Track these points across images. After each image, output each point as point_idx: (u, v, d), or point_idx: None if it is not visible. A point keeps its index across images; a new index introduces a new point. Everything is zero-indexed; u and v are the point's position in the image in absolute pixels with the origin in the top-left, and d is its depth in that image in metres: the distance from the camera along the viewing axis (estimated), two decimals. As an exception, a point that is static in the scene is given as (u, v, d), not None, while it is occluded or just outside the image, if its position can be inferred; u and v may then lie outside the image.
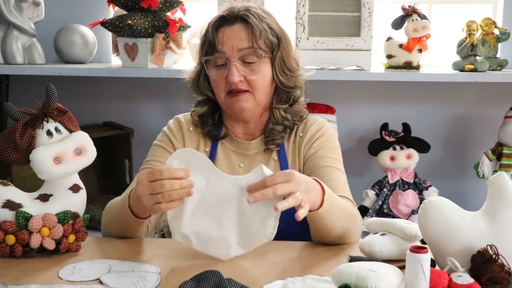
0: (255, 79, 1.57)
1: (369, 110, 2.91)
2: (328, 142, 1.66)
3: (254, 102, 1.60)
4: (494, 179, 1.15)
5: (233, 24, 1.58)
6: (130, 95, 2.98)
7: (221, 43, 1.57)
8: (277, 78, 1.60)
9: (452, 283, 1.06)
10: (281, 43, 1.60)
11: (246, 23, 1.57)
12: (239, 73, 1.56)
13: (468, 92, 2.89)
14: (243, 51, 1.56)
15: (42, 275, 1.26)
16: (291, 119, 1.65)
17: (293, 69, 1.63)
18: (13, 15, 2.58)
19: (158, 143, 1.68)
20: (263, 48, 1.57)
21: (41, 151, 1.33)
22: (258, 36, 1.56)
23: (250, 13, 1.58)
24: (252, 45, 1.56)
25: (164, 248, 1.42)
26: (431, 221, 1.12)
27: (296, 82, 1.64)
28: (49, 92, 1.39)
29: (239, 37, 1.56)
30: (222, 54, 1.57)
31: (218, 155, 1.67)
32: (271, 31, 1.58)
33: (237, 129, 1.68)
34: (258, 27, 1.56)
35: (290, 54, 1.63)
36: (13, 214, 1.33)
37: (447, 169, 2.95)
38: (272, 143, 1.65)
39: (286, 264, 1.32)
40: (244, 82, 1.57)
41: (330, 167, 1.61)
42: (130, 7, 2.52)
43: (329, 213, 1.38)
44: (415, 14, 2.53)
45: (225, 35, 1.57)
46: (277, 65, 1.60)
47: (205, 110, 1.67)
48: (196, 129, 1.69)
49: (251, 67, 1.57)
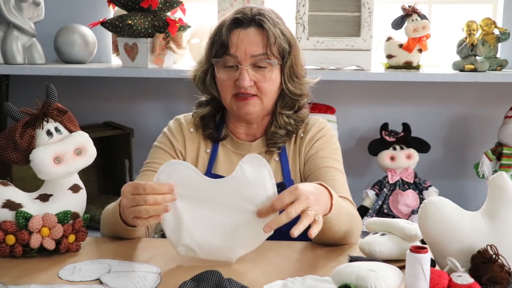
0: (265, 84, 1.56)
1: (369, 110, 2.92)
2: (328, 143, 1.66)
3: (261, 106, 1.59)
4: (494, 179, 1.15)
5: (247, 27, 1.56)
6: (130, 95, 2.98)
7: (234, 47, 1.55)
8: (285, 85, 1.60)
9: (452, 283, 1.06)
10: (292, 50, 1.59)
11: (261, 28, 1.55)
12: (249, 78, 1.55)
13: (468, 92, 2.89)
14: (256, 57, 1.55)
15: (42, 275, 1.26)
16: (294, 124, 1.65)
17: (300, 76, 1.63)
18: (13, 15, 2.58)
19: (159, 144, 1.67)
20: (275, 55, 1.56)
21: (41, 151, 1.33)
22: (272, 42, 1.54)
23: (265, 18, 1.56)
24: (266, 51, 1.55)
25: (164, 248, 1.42)
26: (431, 221, 1.12)
27: (303, 89, 1.63)
28: (49, 92, 1.39)
29: (253, 43, 1.54)
30: (234, 57, 1.55)
31: (219, 156, 1.66)
32: (284, 38, 1.57)
33: (239, 130, 1.67)
34: (273, 33, 1.55)
35: (299, 61, 1.62)
36: (13, 214, 1.33)
37: (447, 169, 2.95)
38: (274, 146, 1.64)
39: (286, 264, 1.31)
40: (253, 87, 1.56)
41: (330, 168, 1.61)
42: (130, 7, 2.52)
43: (336, 216, 1.38)
44: (415, 14, 2.53)
45: (239, 38, 1.55)
46: (286, 72, 1.59)
47: (207, 112, 1.66)
48: (197, 130, 1.68)
49: (262, 73, 1.56)
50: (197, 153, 1.67)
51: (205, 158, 1.66)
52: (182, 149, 1.66)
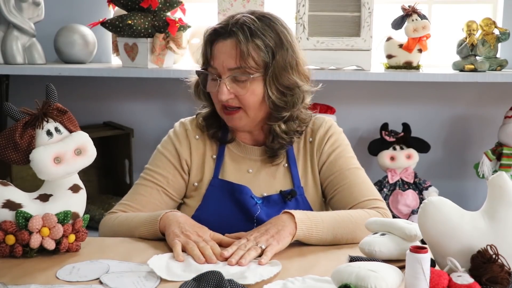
0: (246, 97, 1.53)
1: (369, 110, 2.91)
2: (338, 141, 1.65)
3: (248, 119, 1.56)
4: (494, 179, 1.15)
5: (226, 39, 1.52)
6: (130, 95, 2.98)
7: (213, 59, 1.54)
8: (267, 96, 1.53)
9: (452, 283, 1.05)
10: (275, 60, 1.51)
11: (237, 39, 1.50)
12: (228, 90, 1.52)
13: (468, 92, 2.89)
14: (233, 70, 1.51)
15: (42, 275, 1.26)
16: (294, 130, 1.60)
17: (293, 86, 1.54)
18: (13, 15, 2.58)
19: (163, 151, 1.65)
20: (254, 67, 1.50)
21: (41, 151, 1.33)
22: (246, 55, 1.49)
23: (241, 29, 1.49)
24: (240, 64, 1.50)
25: (164, 248, 1.42)
26: (431, 221, 1.12)
27: (294, 99, 1.55)
28: (49, 92, 1.39)
29: (229, 55, 1.51)
30: (214, 69, 1.54)
31: (225, 160, 1.64)
32: (265, 48, 1.50)
33: (242, 135, 1.66)
34: (246, 46, 1.49)
35: (287, 70, 1.53)
36: (13, 214, 1.33)
37: (447, 169, 2.95)
38: (275, 156, 1.62)
39: (286, 264, 1.31)
40: (234, 99, 1.53)
41: (351, 169, 1.61)
42: (130, 7, 2.52)
43: (309, 231, 1.42)
44: (415, 14, 2.53)
45: (217, 50, 1.53)
46: (268, 83, 1.52)
47: (209, 112, 1.65)
48: (201, 136, 1.66)
49: (242, 85, 1.52)
50: (203, 160, 1.65)
51: (211, 164, 1.64)
52: (188, 158, 1.64)
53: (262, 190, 1.62)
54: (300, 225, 1.41)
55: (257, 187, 1.61)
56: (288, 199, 1.59)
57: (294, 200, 1.60)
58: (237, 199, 1.58)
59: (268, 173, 1.63)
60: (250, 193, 1.59)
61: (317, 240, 1.43)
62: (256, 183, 1.62)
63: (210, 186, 1.62)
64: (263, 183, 1.62)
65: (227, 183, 1.61)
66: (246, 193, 1.58)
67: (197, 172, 1.64)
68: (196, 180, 1.64)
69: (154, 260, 1.30)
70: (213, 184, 1.62)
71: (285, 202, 1.59)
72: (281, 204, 1.59)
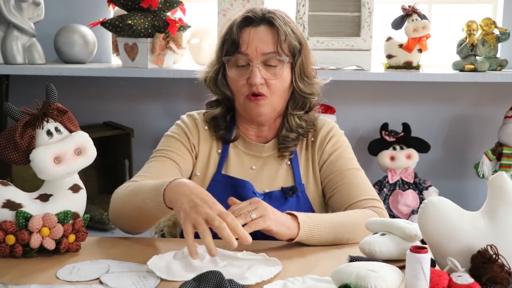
0: (276, 83, 1.57)
1: (369, 110, 2.92)
2: (339, 142, 1.67)
3: (271, 107, 1.59)
4: (494, 179, 1.15)
5: (258, 25, 1.57)
6: (130, 95, 2.98)
7: (245, 44, 1.56)
8: (296, 83, 1.60)
9: (452, 283, 1.05)
10: (302, 48, 1.59)
11: (271, 25, 1.56)
12: (261, 75, 1.55)
13: (468, 92, 2.89)
14: (267, 55, 1.55)
15: (42, 275, 1.26)
16: (305, 126, 1.65)
17: (311, 76, 1.63)
18: (13, 15, 2.58)
19: (174, 134, 1.65)
20: (286, 53, 1.57)
21: (41, 151, 1.33)
22: (283, 40, 1.55)
23: (276, 16, 1.57)
24: (277, 49, 1.56)
25: (164, 248, 1.42)
26: (431, 221, 1.12)
27: (313, 89, 1.64)
28: (49, 92, 1.39)
29: (264, 40, 1.55)
30: (245, 55, 1.56)
31: (230, 156, 1.66)
32: (294, 36, 1.58)
33: (250, 132, 1.67)
34: (284, 30, 1.55)
35: (309, 61, 1.62)
36: (13, 214, 1.33)
37: (447, 169, 2.95)
38: (286, 150, 1.64)
39: (286, 264, 1.31)
40: (264, 85, 1.56)
41: (350, 170, 1.63)
42: (130, 7, 2.52)
43: (311, 232, 1.42)
44: (415, 14, 2.54)
45: (250, 36, 1.56)
46: (297, 70, 1.59)
47: (218, 112, 1.66)
48: (210, 129, 1.68)
49: (273, 71, 1.56)
50: (209, 152, 1.66)
51: (216, 158, 1.66)
52: (196, 145, 1.65)
53: (264, 186, 1.63)
54: (303, 226, 1.41)
55: (260, 183, 1.63)
56: (289, 195, 1.60)
57: (295, 196, 1.61)
58: (239, 194, 1.58)
59: (270, 170, 1.65)
60: (252, 188, 1.60)
61: (318, 241, 1.44)
62: (258, 179, 1.63)
63: (213, 180, 1.63)
64: (266, 180, 1.64)
65: (230, 178, 1.62)
66: (249, 189, 1.60)
67: (202, 163, 1.65)
68: (199, 171, 1.65)
69: (154, 260, 1.30)
70: (216, 179, 1.63)
71: (286, 198, 1.61)
72: (282, 200, 1.61)
